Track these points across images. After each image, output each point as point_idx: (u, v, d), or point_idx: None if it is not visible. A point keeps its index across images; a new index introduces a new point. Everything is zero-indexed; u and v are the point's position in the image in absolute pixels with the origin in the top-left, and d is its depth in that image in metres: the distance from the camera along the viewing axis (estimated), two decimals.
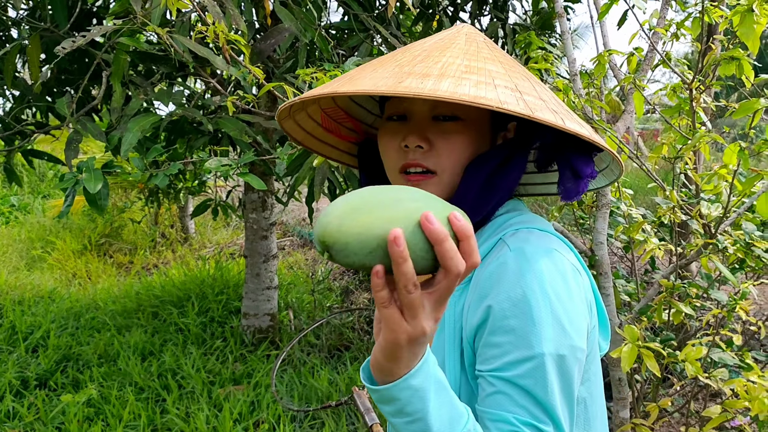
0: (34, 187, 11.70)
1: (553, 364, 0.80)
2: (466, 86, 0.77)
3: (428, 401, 0.70)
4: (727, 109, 2.20)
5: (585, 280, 0.89)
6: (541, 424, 0.78)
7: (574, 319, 0.82)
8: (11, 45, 2.95)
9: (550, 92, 0.90)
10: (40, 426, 3.39)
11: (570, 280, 0.85)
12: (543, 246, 0.87)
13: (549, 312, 0.81)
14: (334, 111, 1.15)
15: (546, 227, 0.93)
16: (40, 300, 5.60)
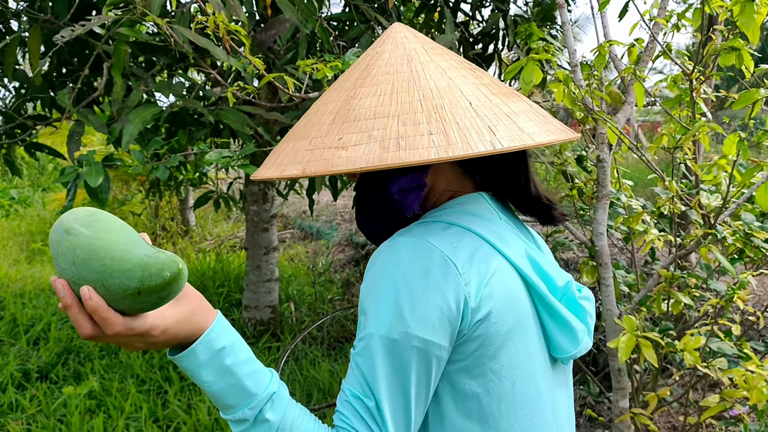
0: (34, 180, 11.70)
1: (380, 346, 0.82)
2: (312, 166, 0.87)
3: (201, 377, 0.81)
4: (727, 101, 2.20)
5: (464, 277, 0.84)
6: (365, 399, 0.83)
7: (419, 309, 0.82)
8: (11, 37, 2.95)
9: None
10: (43, 418, 3.41)
11: (432, 272, 0.83)
12: (419, 236, 0.87)
13: (391, 297, 0.83)
14: None
15: (458, 221, 0.91)
16: (40, 293, 5.61)
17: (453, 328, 0.84)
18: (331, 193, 3.38)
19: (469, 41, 4.20)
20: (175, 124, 3.01)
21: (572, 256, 4.91)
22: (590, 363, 3.95)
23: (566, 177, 2.86)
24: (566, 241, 2.75)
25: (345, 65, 2.16)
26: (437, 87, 0.90)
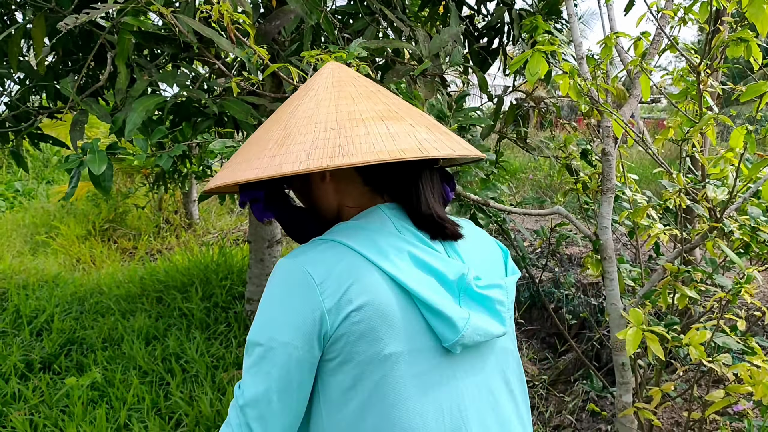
0: (38, 172, 11.72)
1: (252, 348, 0.98)
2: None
3: None
4: (733, 96, 2.19)
5: (320, 288, 0.96)
6: (239, 389, 0.98)
7: (279, 318, 0.97)
8: (15, 27, 2.94)
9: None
10: (45, 408, 3.41)
11: (292, 285, 0.98)
12: (293, 257, 1.01)
13: (263, 307, 1.00)
14: None
15: (338, 236, 1.03)
16: (44, 284, 5.62)
17: (313, 332, 0.95)
18: None
19: (473, 35, 4.18)
20: (179, 115, 3.00)
21: (576, 251, 4.90)
22: (593, 358, 3.95)
23: (570, 171, 2.85)
24: (571, 234, 2.74)
25: (349, 56, 2.15)
26: (303, 115, 1.04)
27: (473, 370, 1.05)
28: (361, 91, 1.10)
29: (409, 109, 1.10)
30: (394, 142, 0.96)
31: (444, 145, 1.01)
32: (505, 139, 4.18)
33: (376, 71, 3.38)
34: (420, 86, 2.87)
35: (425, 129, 1.03)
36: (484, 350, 1.07)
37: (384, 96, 1.11)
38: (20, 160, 3.60)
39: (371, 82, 1.16)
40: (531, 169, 10.66)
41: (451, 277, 1.02)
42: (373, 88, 1.13)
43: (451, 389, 1.01)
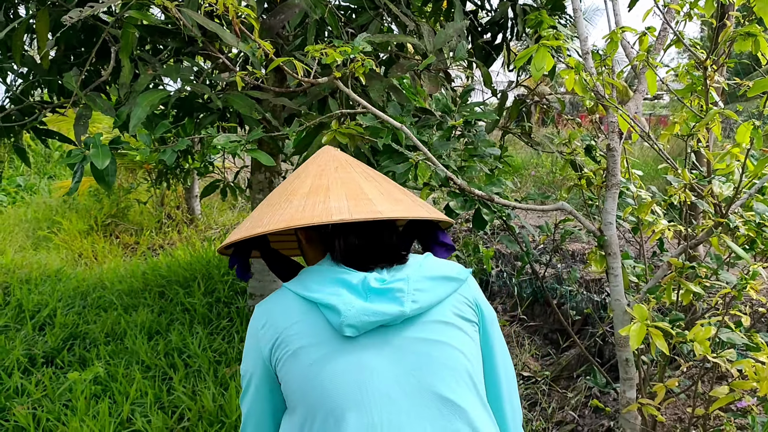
0: (40, 167, 11.72)
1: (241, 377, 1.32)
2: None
3: None
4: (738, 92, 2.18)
5: (268, 327, 1.25)
6: None
7: (247, 352, 1.30)
8: (19, 21, 2.94)
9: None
10: (48, 402, 3.41)
11: (252, 326, 1.29)
12: (260, 304, 1.32)
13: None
14: None
15: (290, 284, 1.30)
16: (46, 279, 5.62)
17: (265, 359, 1.25)
18: None
19: (477, 30, 4.17)
20: (182, 109, 3.00)
21: (578, 247, 4.90)
22: (596, 354, 3.95)
23: (575, 167, 2.85)
24: (575, 230, 2.74)
25: (354, 50, 2.14)
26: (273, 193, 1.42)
27: (378, 356, 1.20)
28: (329, 173, 1.38)
29: (349, 183, 1.35)
30: (301, 213, 1.26)
31: (352, 212, 1.25)
32: (509, 134, 4.17)
33: (380, 66, 3.38)
34: (424, 81, 2.86)
35: (346, 199, 1.29)
36: (391, 341, 1.21)
37: (348, 175, 1.38)
38: (24, 155, 3.60)
39: (353, 166, 1.44)
40: (533, 165, 10.65)
41: (354, 282, 1.23)
42: (346, 173, 1.40)
43: (353, 366, 1.18)
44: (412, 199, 1.41)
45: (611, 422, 3.22)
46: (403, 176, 2.31)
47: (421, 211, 1.34)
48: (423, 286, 1.24)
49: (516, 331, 4.53)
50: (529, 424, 3.37)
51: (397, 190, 1.42)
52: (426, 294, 1.24)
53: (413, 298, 1.21)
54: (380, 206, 1.28)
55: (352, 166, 1.43)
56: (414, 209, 1.34)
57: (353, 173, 1.39)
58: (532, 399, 3.69)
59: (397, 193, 1.38)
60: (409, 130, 2.26)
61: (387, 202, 1.31)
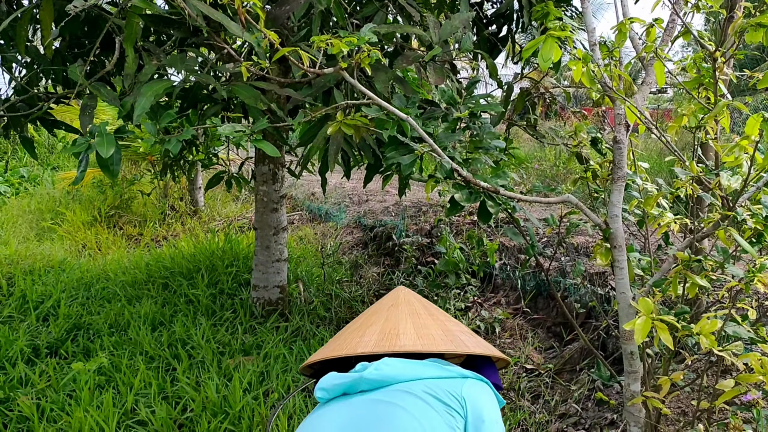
0: (43, 159, 11.73)
1: None
2: None
3: None
4: (747, 85, 2.16)
5: None
6: None
7: None
8: (22, 11, 2.93)
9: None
10: (52, 393, 3.42)
11: None
12: None
13: None
14: None
15: None
16: (50, 270, 5.63)
17: None
18: (344, 171, 3.36)
19: (482, 22, 4.15)
20: (187, 100, 2.99)
21: (582, 240, 4.88)
22: (599, 347, 3.94)
23: (580, 159, 2.83)
24: (580, 223, 2.73)
25: (360, 41, 2.12)
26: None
27: (335, 411, 1.37)
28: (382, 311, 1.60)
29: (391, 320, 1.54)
30: (340, 346, 1.49)
31: (374, 347, 1.45)
32: (513, 127, 4.16)
33: (385, 57, 3.36)
34: (430, 72, 2.85)
35: (378, 334, 1.49)
36: (351, 401, 1.37)
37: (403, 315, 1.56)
38: (31, 147, 3.59)
39: (420, 305, 1.63)
40: (537, 159, 10.62)
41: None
42: (412, 308, 1.59)
43: (315, 418, 1.39)
44: (452, 335, 1.51)
45: (615, 415, 3.22)
46: (407, 168, 2.30)
47: (448, 346, 1.45)
48: (391, 363, 1.37)
49: (519, 324, 4.53)
50: (532, 416, 3.37)
51: (438, 325, 1.54)
52: (391, 368, 1.36)
53: (375, 367, 1.36)
54: (404, 341, 1.45)
55: (408, 304, 1.60)
56: (441, 344, 1.45)
57: (401, 312, 1.56)
58: (535, 392, 3.69)
59: (434, 329, 1.51)
60: (414, 121, 2.25)
61: (415, 337, 1.46)
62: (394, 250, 6.18)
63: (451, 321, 1.61)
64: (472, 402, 1.35)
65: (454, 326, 1.57)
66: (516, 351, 4.15)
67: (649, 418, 2.45)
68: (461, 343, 1.49)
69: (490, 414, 1.37)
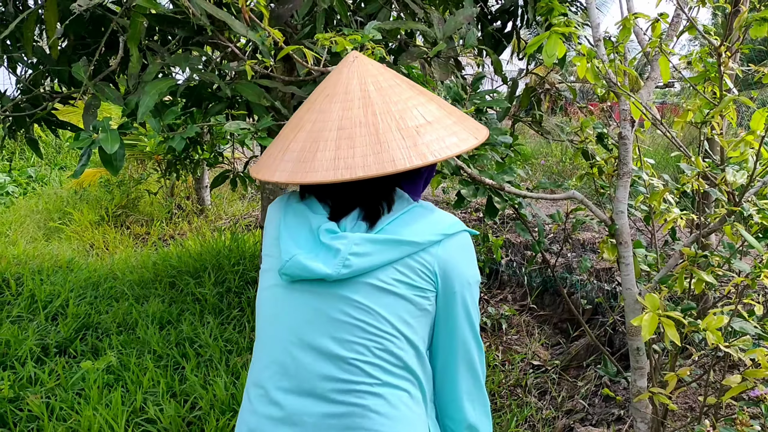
0: (50, 158, 11.78)
1: None
2: None
3: None
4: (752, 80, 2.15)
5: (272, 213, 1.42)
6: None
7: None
8: (28, 12, 2.94)
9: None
10: (61, 392, 3.44)
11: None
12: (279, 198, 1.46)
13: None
14: None
15: (290, 201, 1.41)
16: (58, 269, 5.66)
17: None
18: None
19: (487, 18, 4.14)
20: (191, 99, 2.99)
21: (589, 236, 4.87)
22: (606, 343, 3.93)
23: (586, 155, 2.83)
24: (586, 219, 2.72)
25: (364, 38, 2.12)
26: None
27: (302, 303, 1.28)
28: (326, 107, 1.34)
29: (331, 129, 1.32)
30: (270, 160, 1.37)
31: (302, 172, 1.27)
32: (519, 123, 4.15)
33: (390, 54, 3.36)
34: (434, 68, 2.84)
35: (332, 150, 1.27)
36: (317, 291, 1.27)
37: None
38: (36, 147, 3.61)
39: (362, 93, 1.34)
40: (543, 155, 10.60)
41: (312, 226, 1.30)
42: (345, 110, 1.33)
43: (283, 308, 1.31)
44: (420, 130, 1.29)
45: (621, 411, 3.22)
46: None
47: (371, 169, 1.22)
48: (363, 249, 1.24)
49: (526, 320, 4.52)
50: (539, 412, 3.37)
51: (375, 128, 1.28)
52: (362, 258, 1.23)
53: (346, 263, 1.23)
54: (317, 166, 1.25)
55: (344, 95, 1.33)
56: (387, 163, 1.23)
57: (332, 113, 1.31)
58: (542, 388, 3.69)
59: (391, 131, 1.27)
60: None
61: (331, 159, 1.25)
62: None
63: (413, 102, 1.34)
64: (445, 272, 1.28)
65: (414, 114, 1.31)
66: (523, 347, 4.15)
67: (655, 414, 2.44)
68: (392, 161, 1.24)
69: (456, 279, 1.30)
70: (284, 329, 1.29)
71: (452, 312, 1.31)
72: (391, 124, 1.28)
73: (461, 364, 1.35)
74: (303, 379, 1.25)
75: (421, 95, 1.37)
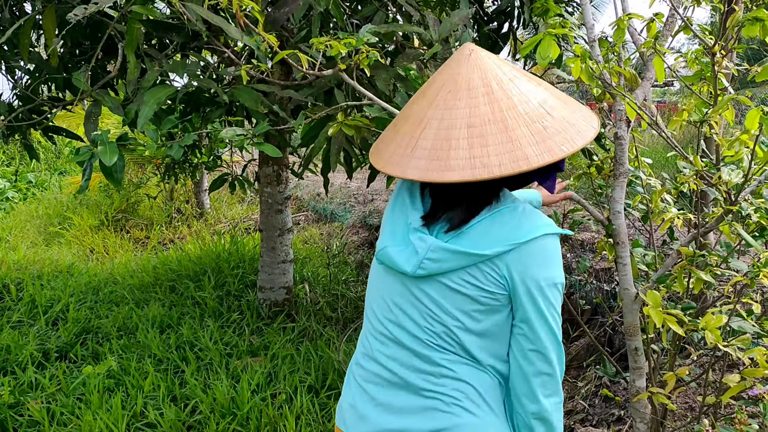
0: (50, 163, 11.79)
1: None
2: None
3: None
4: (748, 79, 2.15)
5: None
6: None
7: None
8: (25, 18, 2.95)
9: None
10: (62, 396, 3.45)
11: None
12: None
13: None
14: None
15: (404, 187, 1.57)
16: (58, 274, 5.67)
17: None
18: (346, 171, 3.36)
19: (483, 19, 4.15)
20: (189, 104, 3.00)
21: (588, 236, 4.88)
22: (605, 344, 3.94)
23: (585, 154, 2.83)
24: (584, 220, 2.73)
25: (359, 42, 2.13)
26: None
27: (392, 284, 1.48)
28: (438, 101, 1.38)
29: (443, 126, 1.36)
30: (389, 156, 1.44)
31: (423, 172, 1.33)
32: None
33: (386, 57, 3.36)
34: (431, 70, 2.85)
35: (429, 150, 1.33)
36: (403, 280, 1.45)
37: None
38: (32, 151, 3.62)
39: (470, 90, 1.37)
40: None
41: (408, 221, 1.45)
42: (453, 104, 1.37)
43: (380, 286, 1.52)
44: (517, 141, 1.29)
45: (621, 411, 3.22)
46: None
47: (506, 168, 1.26)
48: (436, 256, 1.36)
49: None
50: None
51: (505, 126, 1.30)
52: (436, 264, 1.37)
53: (422, 265, 1.38)
54: (453, 163, 1.28)
55: (468, 91, 1.34)
56: (495, 167, 1.26)
57: (458, 109, 1.33)
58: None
59: (497, 136, 1.29)
60: None
61: (467, 158, 1.28)
62: None
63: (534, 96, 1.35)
64: (516, 277, 1.35)
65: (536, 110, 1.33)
66: None
67: (655, 414, 2.45)
68: (525, 159, 1.26)
69: (534, 282, 1.36)
70: (381, 302, 1.51)
71: (526, 311, 1.37)
72: (518, 120, 1.30)
73: (537, 358, 1.39)
74: (395, 349, 1.47)
75: (538, 87, 1.39)
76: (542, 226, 1.36)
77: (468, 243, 1.36)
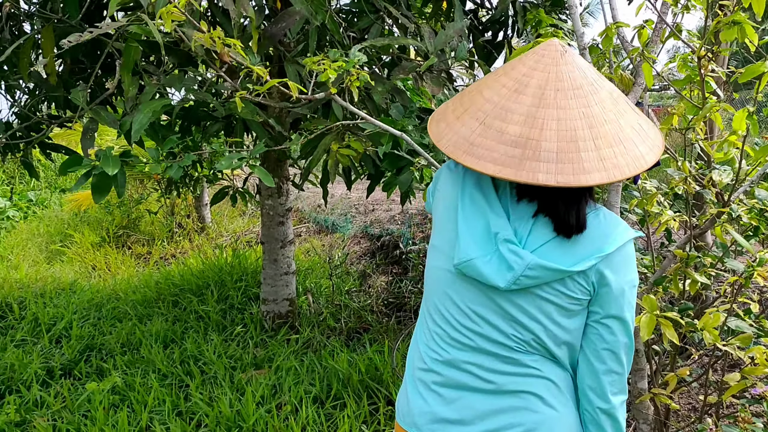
0: (51, 182, 11.83)
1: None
2: None
3: None
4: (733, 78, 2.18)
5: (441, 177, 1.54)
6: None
7: None
8: (25, 38, 2.99)
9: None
10: (68, 414, 3.46)
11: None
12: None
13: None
14: None
15: (472, 180, 1.46)
16: (61, 292, 5.68)
17: None
18: (345, 182, 3.39)
19: (478, 29, 4.19)
20: (187, 119, 3.03)
21: None
22: None
23: None
24: None
25: (350, 64, 2.15)
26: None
27: (472, 292, 1.42)
28: (548, 100, 1.30)
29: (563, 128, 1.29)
30: (508, 161, 1.28)
31: (557, 176, 1.25)
32: None
33: (383, 68, 3.40)
34: (427, 82, 2.88)
35: (556, 152, 1.25)
36: (487, 291, 1.40)
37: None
38: (32, 169, 3.65)
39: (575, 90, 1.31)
40: None
41: (492, 229, 1.37)
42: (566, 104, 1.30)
43: (452, 292, 1.45)
44: (627, 145, 1.28)
45: None
46: (405, 185, 2.34)
47: (623, 171, 1.25)
48: (534, 273, 1.33)
49: None
50: None
51: (617, 132, 1.29)
52: (531, 280, 1.34)
53: (517, 281, 1.34)
54: (587, 165, 1.24)
55: (575, 91, 1.31)
56: (624, 170, 1.25)
57: (572, 109, 1.29)
58: None
59: (614, 143, 1.27)
60: (412, 132, 2.29)
61: (597, 159, 1.25)
62: (402, 258, 6.21)
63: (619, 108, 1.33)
64: (601, 284, 1.37)
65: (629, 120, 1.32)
66: None
67: (657, 415, 2.46)
68: (642, 158, 1.27)
69: (617, 286, 1.38)
70: (456, 309, 1.45)
71: (609, 313, 1.40)
72: (621, 121, 1.30)
73: (609, 357, 1.43)
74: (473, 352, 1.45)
75: (612, 85, 1.38)
76: (624, 233, 1.38)
77: (560, 253, 1.35)
